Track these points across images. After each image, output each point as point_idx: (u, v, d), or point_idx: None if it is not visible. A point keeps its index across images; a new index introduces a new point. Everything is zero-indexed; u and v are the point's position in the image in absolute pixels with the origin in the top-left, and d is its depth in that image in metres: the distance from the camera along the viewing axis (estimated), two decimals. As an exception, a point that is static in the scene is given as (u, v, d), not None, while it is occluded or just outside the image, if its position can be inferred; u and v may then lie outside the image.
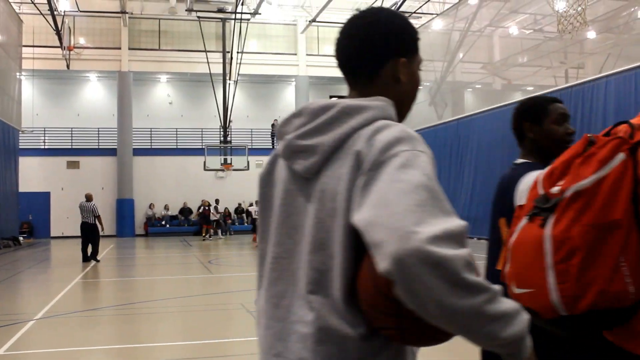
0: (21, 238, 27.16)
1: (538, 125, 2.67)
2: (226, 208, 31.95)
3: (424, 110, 29.71)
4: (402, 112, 1.56)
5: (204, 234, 28.69)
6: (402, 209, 1.20)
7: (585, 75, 22.14)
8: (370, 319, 1.35)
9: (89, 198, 17.55)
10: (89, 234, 17.23)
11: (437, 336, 1.31)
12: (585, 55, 25.66)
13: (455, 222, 1.21)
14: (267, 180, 1.60)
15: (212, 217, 28.63)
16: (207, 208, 29.40)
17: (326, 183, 1.41)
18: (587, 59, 26.07)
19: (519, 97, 24.08)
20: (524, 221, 2.06)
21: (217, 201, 28.90)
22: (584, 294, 1.84)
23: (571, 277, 1.85)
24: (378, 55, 1.52)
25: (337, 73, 1.66)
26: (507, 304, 1.23)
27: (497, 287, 1.22)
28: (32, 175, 31.09)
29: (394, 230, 1.17)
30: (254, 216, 27.43)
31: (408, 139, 1.33)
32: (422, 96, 30.72)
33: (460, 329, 1.20)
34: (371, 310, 1.33)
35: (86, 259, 17.12)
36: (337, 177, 1.38)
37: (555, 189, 1.97)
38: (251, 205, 28.82)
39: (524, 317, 1.26)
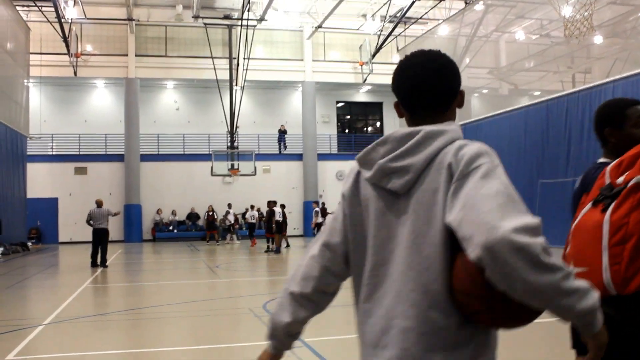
0: (29, 244, 27.24)
1: (618, 130, 2.76)
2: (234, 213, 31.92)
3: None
4: None
5: (207, 240, 28.81)
6: (487, 209, 1.51)
7: (593, 80, 22.11)
8: (463, 306, 1.63)
9: (100, 204, 17.63)
10: (103, 240, 17.31)
11: (522, 316, 1.59)
12: (592, 59, 25.60)
13: (531, 218, 1.52)
14: (353, 201, 1.91)
15: (227, 222, 28.52)
16: (210, 214, 29.45)
17: (421, 196, 1.72)
18: (594, 64, 26.01)
19: (525, 102, 24.03)
20: (588, 207, 2.30)
21: (229, 205, 28.59)
22: (634, 276, 2.04)
23: (624, 259, 2.06)
24: (454, 90, 1.88)
25: (344, 79, 1.78)
26: (580, 282, 1.50)
27: (571, 268, 1.49)
28: (40, 181, 31.22)
29: (482, 225, 1.49)
30: (249, 221, 27.35)
31: (486, 153, 1.67)
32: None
33: (542, 302, 1.49)
34: (465, 298, 1.62)
35: (95, 264, 17.19)
36: (432, 189, 1.70)
37: (620, 179, 2.18)
38: (247, 210, 28.61)
39: (595, 294, 1.52)
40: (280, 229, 22.61)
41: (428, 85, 1.85)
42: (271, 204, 22.98)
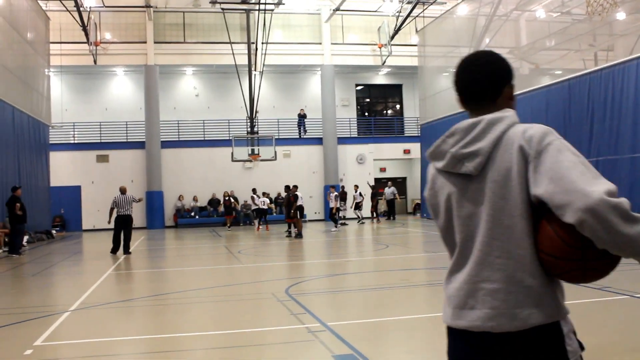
0: (54, 231, 27.59)
1: None
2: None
3: (451, 97, 29.24)
4: None
5: (228, 225, 28.96)
6: (575, 179, 1.85)
7: (615, 58, 21.76)
8: (552, 267, 1.96)
9: (124, 191, 17.76)
10: (127, 226, 17.44)
11: (607, 270, 1.93)
12: (614, 37, 25.19)
13: (610, 183, 1.85)
14: (432, 194, 2.24)
15: (253, 207, 28.43)
16: (227, 199, 29.54)
17: (494, 175, 2.02)
18: (617, 41, 25.57)
19: (547, 81, 23.75)
20: None
21: (254, 190, 28.37)
22: None
23: None
24: (501, 83, 2.19)
25: (363, 61, 1.95)
26: None
27: None
28: (62, 169, 31.53)
29: (577, 192, 1.81)
30: (261, 207, 27.13)
31: (550, 132, 1.98)
32: (448, 82, 30.48)
33: (633, 251, 1.82)
34: (556, 260, 1.93)
35: (116, 250, 17.31)
36: (505, 168, 2.00)
37: None
38: (253, 196, 28.16)
39: None
40: (302, 214, 22.63)
41: (472, 80, 2.20)
42: (293, 188, 22.96)
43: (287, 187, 23.52)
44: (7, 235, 19.88)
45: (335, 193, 26.23)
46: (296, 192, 22.58)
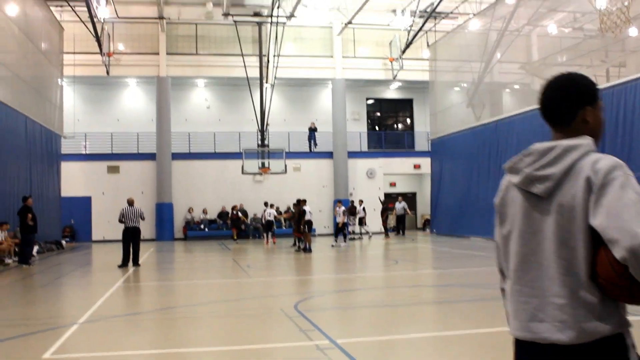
0: (64, 242, 27.64)
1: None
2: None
3: (462, 112, 29.44)
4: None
5: (234, 238, 29.08)
6: (628, 217, 1.99)
7: (628, 74, 21.66)
8: (606, 290, 2.12)
9: (132, 202, 17.69)
10: (136, 238, 17.34)
11: None
12: (626, 53, 25.11)
13: None
14: (502, 203, 2.43)
15: (263, 221, 28.58)
16: (235, 212, 29.59)
17: (562, 200, 2.18)
18: (629, 57, 25.48)
19: (558, 97, 23.67)
20: None
21: (265, 204, 28.31)
22: None
23: None
24: (574, 107, 2.30)
25: (374, 75, 1.93)
26: None
27: None
28: (73, 180, 31.63)
29: (626, 232, 1.97)
30: (267, 219, 27.26)
31: (619, 166, 2.10)
32: (459, 97, 30.47)
33: None
34: (609, 285, 2.10)
35: (126, 264, 17.23)
36: (572, 194, 2.15)
37: None
38: (265, 209, 28.22)
39: None
40: (310, 228, 22.56)
41: (548, 104, 2.35)
42: (301, 202, 22.94)
43: (297, 201, 23.47)
44: (18, 245, 19.95)
45: (343, 208, 26.07)
46: (304, 207, 22.55)
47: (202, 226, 32.88)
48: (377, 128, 39.06)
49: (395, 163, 36.07)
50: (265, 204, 28.21)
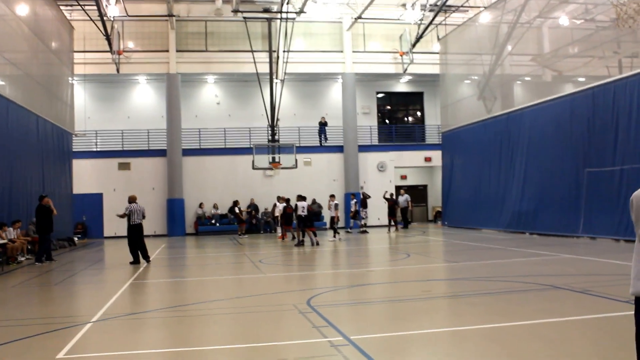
0: (76, 238, 27.78)
1: None
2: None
3: (473, 105, 29.31)
4: None
5: (239, 233, 29.20)
6: None
7: (640, 65, 21.44)
8: None
9: (134, 199, 17.82)
10: (141, 234, 17.51)
11: None
12: (639, 44, 24.85)
13: None
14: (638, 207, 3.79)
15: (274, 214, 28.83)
16: (241, 208, 29.68)
17: None
18: (642, 48, 25.23)
19: (570, 89, 23.51)
20: None
21: (280, 199, 28.25)
22: None
23: None
24: None
25: (384, 69, 1.74)
26: None
27: None
28: (85, 177, 31.80)
29: None
30: (275, 214, 27.66)
31: None
32: (470, 90, 30.31)
33: None
34: None
35: (137, 261, 17.34)
36: None
37: None
38: (275, 205, 28.41)
39: None
40: (305, 224, 22.77)
41: None
42: (287, 199, 23.70)
43: (299, 197, 23.42)
44: (29, 242, 20.09)
45: (336, 202, 26.38)
46: (297, 203, 22.74)
47: (213, 221, 32.96)
48: (387, 121, 38.96)
49: (406, 156, 36.01)
50: (282, 199, 28.07)
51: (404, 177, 37.96)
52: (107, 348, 7.24)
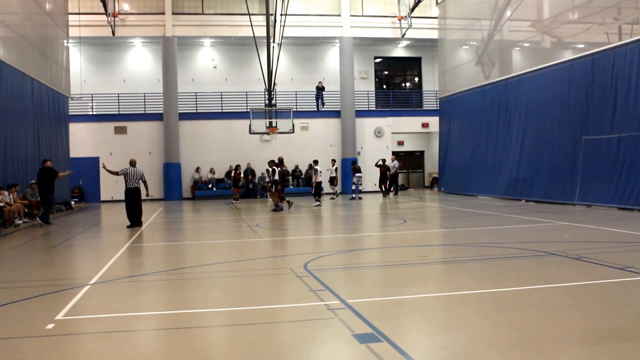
0: (73, 202, 27.79)
1: None
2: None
3: (471, 70, 29.15)
4: None
5: (234, 198, 29.02)
6: None
7: (640, 32, 21.27)
8: None
9: (135, 163, 17.86)
10: (138, 199, 17.56)
11: None
12: (640, 10, 24.63)
13: None
14: None
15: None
16: (238, 172, 29.41)
17: None
18: (642, 14, 25.01)
19: (569, 55, 23.38)
20: None
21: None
22: None
23: None
24: None
25: (382, 34, 1.65)
26: None
27: None
28: (81, 141, 31.73)
29: None
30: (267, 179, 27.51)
31: None
32: (469, 56, 30.11)
33: None
34: None
35: (134, 224, 17.43)
36: None
37: None
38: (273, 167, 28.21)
39: None
40: (275, 188, 22.87)
41: None
42: (278, 163, 23.38)
43: (279, 161, 23.45)
44: (26, 206, 20.16)
45: (318, 168, 25.81)
46: (273, 167, 22.86)
47: (209, 185, 32.99)
48: (385, 87, 38.79)
49: (403, 122, 35.93)
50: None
51: (400, 143, 37.93)
52: (105, 310, 7.29)
